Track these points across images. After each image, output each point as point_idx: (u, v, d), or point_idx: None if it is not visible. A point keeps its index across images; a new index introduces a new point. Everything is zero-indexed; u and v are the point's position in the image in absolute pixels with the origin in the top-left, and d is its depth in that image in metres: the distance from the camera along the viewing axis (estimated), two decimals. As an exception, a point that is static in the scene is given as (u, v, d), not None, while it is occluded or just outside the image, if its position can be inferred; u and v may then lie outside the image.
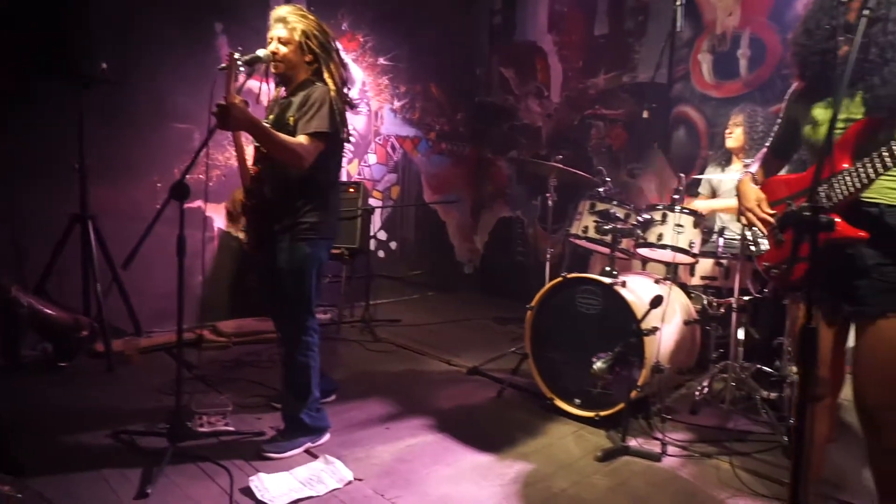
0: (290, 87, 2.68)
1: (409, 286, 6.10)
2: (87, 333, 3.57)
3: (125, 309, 3.92)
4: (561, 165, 3.77)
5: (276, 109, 2.70)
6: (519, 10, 6.14)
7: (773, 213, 2.01)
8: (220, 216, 4.60)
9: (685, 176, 3.52)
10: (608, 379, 2.82)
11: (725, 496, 2.45)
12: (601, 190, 3.50)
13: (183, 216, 2.43)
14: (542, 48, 5.94)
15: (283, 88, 2.73)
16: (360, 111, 5.61)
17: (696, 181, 4.01)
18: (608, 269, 3.21)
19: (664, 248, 3.22)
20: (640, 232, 3.30)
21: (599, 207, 3.38)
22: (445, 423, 3.05)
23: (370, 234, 5.04)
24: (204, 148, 2.43)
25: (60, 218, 3.65)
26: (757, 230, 2.09)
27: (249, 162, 2.75)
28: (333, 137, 2.59)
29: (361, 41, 5.56)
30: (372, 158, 5.82)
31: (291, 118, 2.57)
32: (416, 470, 2.57)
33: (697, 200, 3.83)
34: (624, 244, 3.44)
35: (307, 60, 2.62)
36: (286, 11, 2.61)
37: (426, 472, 2.56)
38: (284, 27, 2.58)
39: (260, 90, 2.72)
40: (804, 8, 1.96)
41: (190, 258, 2.54)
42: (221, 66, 2.46)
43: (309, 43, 2.59)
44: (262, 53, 2.55)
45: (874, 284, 1.79)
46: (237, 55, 2.46)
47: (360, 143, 5.68)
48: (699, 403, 3.25)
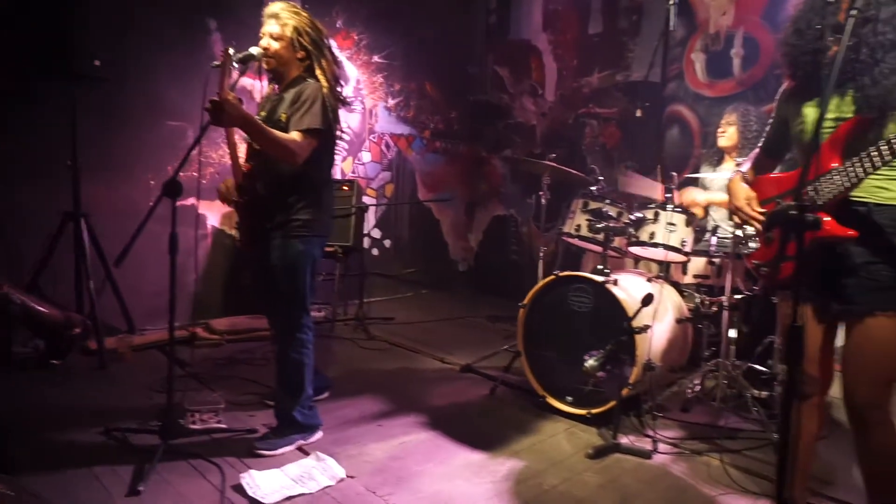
0: (282, 83, 2.67)
1: (402, 284, 6.09)
2: (79, 331, 3.56)
3: (118, 306, 3.91)
4: (554, 164, 3.78)
5: (268, 106, 2.70)
6: (514, 8, 6.15)
7: (763, 211, 2.03)
8: (213, 214, 4.59)
9: (677, 175, 3.54)
10: (600, 377, 2.83)
11: (716, 493, 2.46)
12: (594, 188, 3.51)
13: (175, 214, 2.43)
14: (536, 47, 5.95)
15: (275, 85, 2.73)
16: (354, 109, 5.60)
17: (687, 180, 4.02)
18: (600, 267, 3.23)
19: (656, 246, 3.24)
20: (632, 230, 3.32)
21: (592, 206, 3.39)
22: (438, 420, 3.05)
23: (364, 231, 5.04)
24: (197, 145, 2.43)
25: (53, 215, 3.63)
26: (749, 229, 2.10)
27: (242, 159, 2.74)
28: (326, 134, 2.59)
29: (356, 39, 5.55)
30: (366, 156, 5.82)
31: (284, 115, 2.56)
32: (408, 467, 2.58)
33: (694, 191, 3.83)
34: (616, 242, 3.46)
35: (299, 57, 2.62)
36: (279, 8, 2.60)
37: (418, 469, 2.57)
38: (276, 23, 2.58)
39: (253, 88, 2.72)
40: (794, 8, 1.96)
41: (183, 256, 2.54)
42: (215, 63, 2.46)
43: (301, 39, 2.59)
44: (255, 51, 2.55)
45: (862, 283, 1.81)
46: (232, 51, 2.46)
47: (354, 140, 5.67)
48: (691, 401, 3.27)
